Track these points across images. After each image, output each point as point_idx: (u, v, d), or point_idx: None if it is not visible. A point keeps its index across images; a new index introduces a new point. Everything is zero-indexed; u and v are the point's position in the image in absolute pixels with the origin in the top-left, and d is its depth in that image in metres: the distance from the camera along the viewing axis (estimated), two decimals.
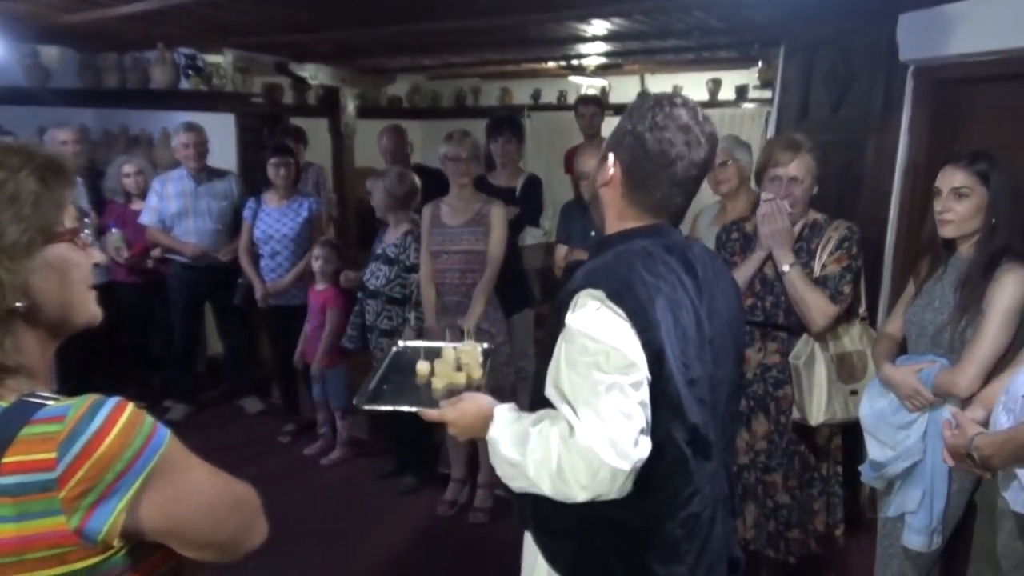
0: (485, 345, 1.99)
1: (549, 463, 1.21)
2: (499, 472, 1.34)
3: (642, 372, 1.21)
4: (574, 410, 1.21)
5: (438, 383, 1.72)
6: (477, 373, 1.78)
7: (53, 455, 0.83)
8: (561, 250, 3.33)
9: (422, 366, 1.78)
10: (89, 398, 0.87)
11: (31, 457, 0.83)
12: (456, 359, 1.84)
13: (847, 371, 2.44)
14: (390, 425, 3.91)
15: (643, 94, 1.47)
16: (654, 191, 1.37)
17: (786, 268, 2.36)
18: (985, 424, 1.80)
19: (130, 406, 0.88)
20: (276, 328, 4.27)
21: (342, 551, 3.20)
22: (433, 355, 1.87)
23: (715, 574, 1.41)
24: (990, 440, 1.69)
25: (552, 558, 1.44)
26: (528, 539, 1.53)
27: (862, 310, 2.53)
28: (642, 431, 1.19)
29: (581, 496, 1.20)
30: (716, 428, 1.35)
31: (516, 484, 1.31)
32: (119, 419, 0.86)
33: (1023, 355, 1.93)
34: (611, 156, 1.40)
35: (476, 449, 3.53)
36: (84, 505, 0.84)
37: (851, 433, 2.53)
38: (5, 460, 0.83)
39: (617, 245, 1.38)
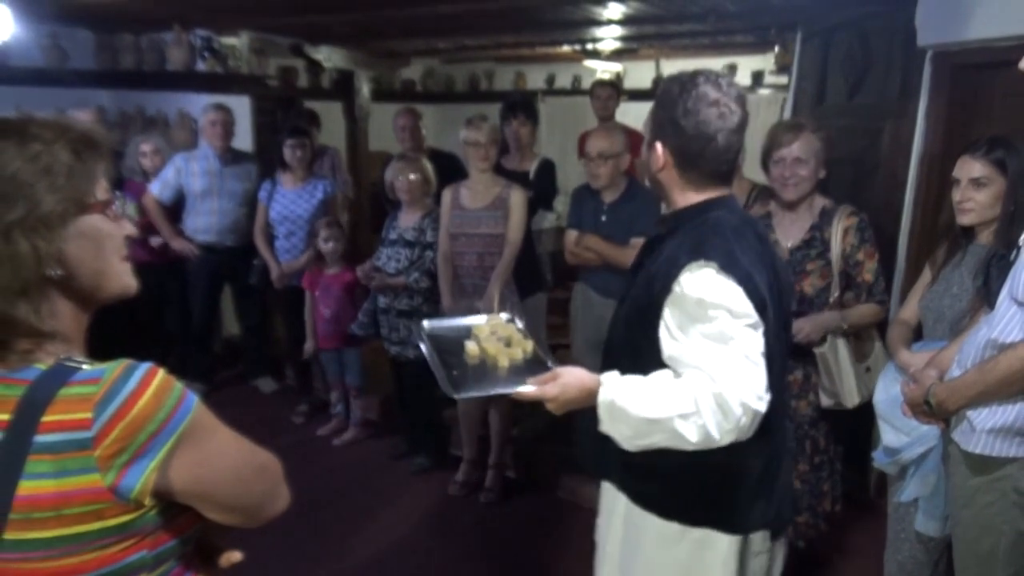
0: (504, 316, 1.97)
1: (698, 414, 1.33)
2: (623, 431, 1.43)
3: (761, 326, 1.39)
4: (710, 362, 1.35)
5: (502, 361, 1.68)
6: (527, 344, 1.75)
7: (89, 415, 0.86)
8: (571, 235, 3.33)
9: (471, 346, 1.73)
10: (123, 362, 0.90)
11: (69, 416, 0.86)
12: (492, 334, 1.81)
13: (861, 349, 2.47)
14: (402, 407, 3.95)
15: (668, 79, 1.61)
16: (705, 166, 1.51)
17: (846, 325, 2.43)
18: None
19: (161, 371, 0.92)
20: (290, 309, 4.31)
21: (355, 529, 3.24)
22: (465, 333, 1.83)
23: (783, 515, 1.63)
24: (945, 386, 1.84)
25: (638, 497, 1.62)
26: (606, 488, 1.74)
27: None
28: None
29: (726, 440, 1.34)
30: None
31: (646, 441, 1.41)
32: (152, 383, 0.89)
33: (975, 323, 1.94)
34: (658, 145, 1.52)
35: (487, 431, 3.57)
36: (118, 464, 0.88)
37: (856, 417, 2.56)
38: (44, 419, 0.86)
39: (695, 217, 1.52)
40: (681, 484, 1.55)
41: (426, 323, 1.97)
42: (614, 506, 1.70)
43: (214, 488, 0.97)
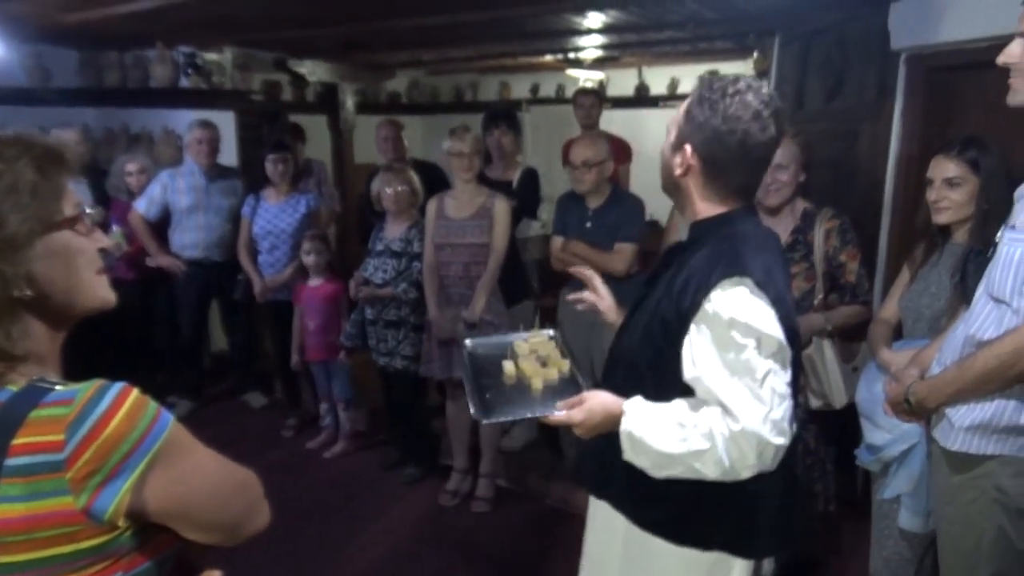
0: (551, 332, 1.93)
1: (715, 452, 1.30)
2: (643, 462, 1.40)
3: (788, 353, 1.34)
4: (731, 396, 1.30)
5: (536, 383, 1.66)
6: (564, 364, 1.73)
7: (61, 437, 0.85)
8: (557, 241, 3.35)
9: (508, 366, 1.70)
10: (96, 383, 0.90)
11: (40, 439, 0.86)
12: (531, 353, 1.79)
13: (848, 349, 2.51)
14: (392, 417, 3.95)
15: (707, 79, 1.46)
16: (735, 177, 1.44)
17: (830, 327, 2.48)
18: None
19: (135, 391, 0.91)
20: (276, 323, 4.31)
21: (346, 541, 3.24)
22: (508, 352, 1.81)
23: (796, 535, 1.62)
24: (924, 384, 1.84)
25: (645, 523, 1.55)
26: (601, 507, 1.66)
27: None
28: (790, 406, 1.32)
29: (746, 474, 1.31)
30: None
31: (666, 472, 1.38)
32: (125, 402, 0.89)
33: (954, 321, 1.96)
34: (688, 147, 1.43)
35: (478, 440, 3.57)
36: (91, 485, 0.87)
37: (845, 416, 2.57)
38: (15, 442, 0.86)
39: (719, 229, 1.45)
40: (695, 510, 1.49)
41: (468, 342, 1.92)
42: (612, 524, 1.63)
43: (190, 507, 0.96)
